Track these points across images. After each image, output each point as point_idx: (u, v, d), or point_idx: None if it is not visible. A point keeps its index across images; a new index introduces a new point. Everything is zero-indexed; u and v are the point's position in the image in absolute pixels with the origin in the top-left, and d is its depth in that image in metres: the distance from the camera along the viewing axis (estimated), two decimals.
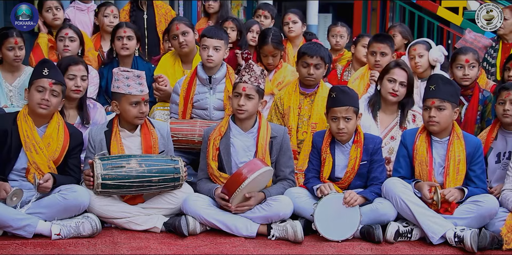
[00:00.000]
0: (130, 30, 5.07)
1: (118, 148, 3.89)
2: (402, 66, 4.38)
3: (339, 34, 6.02)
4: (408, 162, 3.95)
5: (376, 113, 4.41)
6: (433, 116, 3.83)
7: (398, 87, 4.32)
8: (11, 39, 4.66)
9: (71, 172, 3.88)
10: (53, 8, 5.46)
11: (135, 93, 3.86)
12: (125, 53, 5.04)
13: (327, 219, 3.68)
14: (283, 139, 4.00)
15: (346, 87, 4.00)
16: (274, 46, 5.07)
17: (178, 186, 3.83)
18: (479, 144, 3.94)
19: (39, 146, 3.75)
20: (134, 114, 3.88)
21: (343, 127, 3.87)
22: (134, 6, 5.96)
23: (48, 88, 3.77)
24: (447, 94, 3.85)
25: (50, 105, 3.77)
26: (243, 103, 3.88)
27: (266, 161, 3.86)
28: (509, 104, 4.02)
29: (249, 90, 3.89)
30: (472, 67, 4.60)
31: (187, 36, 4.95)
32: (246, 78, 3.91)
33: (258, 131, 3.95)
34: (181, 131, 4.31)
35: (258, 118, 4.01)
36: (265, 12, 6.16)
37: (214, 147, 3.92)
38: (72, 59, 4.38)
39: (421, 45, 5.11)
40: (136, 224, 3.79)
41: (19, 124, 3.77)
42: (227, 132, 3.96)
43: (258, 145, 3.91)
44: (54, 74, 3.82)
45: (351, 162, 3.92)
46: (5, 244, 3.49)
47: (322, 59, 4.43)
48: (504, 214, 3.72)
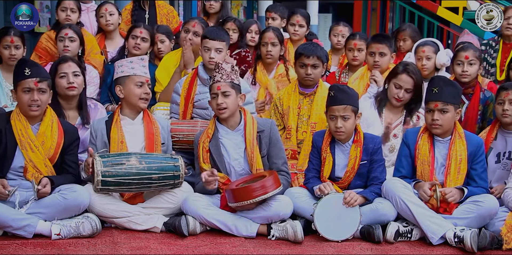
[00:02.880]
0: (147, 32, 5.17)
1: (118, 134, 3.92)
2: (410, 73, 4.32)
3: (341, 34, 6.01)
4: (410, 162, 3.95)
5: (382, 110, 4.41)
6: (436, 119, 3.83)
7: (403, 94, 4.32)
8: (8, 38, 4.71)
9: (69, 168, 3.88)
10: (68, 9, 5.44)
11: (139, 74, 3.97)
12: (136, 52, 5.11)
13: (327, 219, 3.68)
14: (270, 131, 4.01)
15: (345, 86, 4.00)
16: (275, 33, 5.07)
17: (178, 184, 3.83)
18: (481, 143, 3.94)
19: (34, 144, 3.75)
20: (139, 95, 3.95)
21: (341, 126, 3.87)
22: (136, 5, 5.97)
23: (35, 88, 3.75)
24: (450, 96, 3.85)
25: (40, 104, 3.77)
26: (221, 101, 3.89)
27: (255, 156, 3.89)
28: (508, 104, 4.03)
29: (224, 87, 3.91)
30: (472, 64, 4.59)
31: (197, 38, 5.01)
32: (218, 77, 3.93)
33: (245, 127, 3.96)
34: (181, 131, 4.31)
35: (242, 115, 4.02)
36: (272, 14, 6.08)
37: (204, 150, 3.94)
38: (60, 58, 4.40)
39: (430, 47, 5.10)
40: (136, 224, 3.79)
41: (13, 124, 3.77)
42: (214, 133, 3.98)
43: (246, 141, 3.93)
44: (36, 72, 3.79)
45: (351, 161, 3.92)
46: (5, 244, 3.49)
47: (319, 59, 4.43)
48: (504, 214, 3.72)
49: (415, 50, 5.21)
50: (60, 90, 4.21)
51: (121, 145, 3.92)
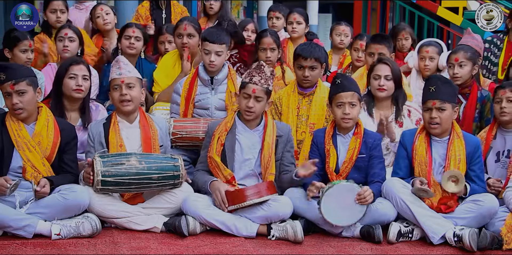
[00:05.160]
0: (139, 31, 5.14)
1: (117, 138, 3.90)
2: (383, 61, 4.39)
3: (344, 33, 6.01)
4: (407, 163, 3.95)
5: (371, 111, 4.41)
6: (434, 118, 3.83)
7: (383, 81, 4.32)
8: (26, 42, 4.77)
9: (68, 168, 3.87)
10: (58, 11, 5.47)
11: (114, 76, 3.94)
12: (131, 52, 5.09)
13: (333, 204, 3.66)
14: (288, 137, 4.01)
15: (347, 75, 4.02)
16: (273, 39, 5.05)
17: (178, 184, 3.83)
18: (478, 143, 3.95)
19: (30, 144, 3.74)
20: (117, 98, 3.92)
21: (349, 112, 3.89)
22: (154, 4, 5.99)
23: (12, 91, 3.72)
24: (447, 95, 3.86)
25: (22, 107, 3.73)
26: (252, 105, 3.88)
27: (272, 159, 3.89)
28: (506, 102, 4.04)
29: (259, 92, 3.89)
30: (462, 66, 4.58)
31: (192, 39, 4.97)
32: (257, 80, 3.90)
33: (265, 130, 3.96)
34: (185, 128, 4.30)
35: (264, 116, 4.01)
36: (276, 13, 6.10)
37: (219, 142, 3.92)
38: (73, 59, 4.38)
39: (434, 48, 5.11)
40: (136, 224, 3.78)
41: (8, 125, 3.76)
42: (232, 128, 3.96)
43: (265, 144, 3.92)
44: (10, 75, 3.72)
45: (349, 152, 3.92)
46: (5, 244, 3.49)
47: (317, 60, 4.40)
48: (504, 214, 3.72)
49: (419, 50, 5.20)
50: (66, 90, 4.19)
51: (120, 148, 3.90)
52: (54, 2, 5.48)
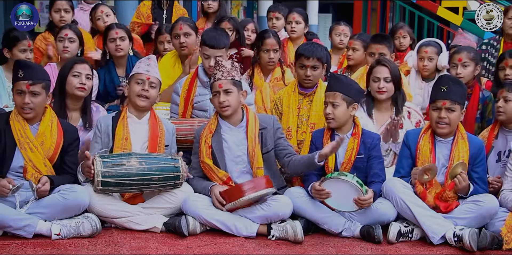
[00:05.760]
0: (122, 30, 5.08)
1: (124, 131, 3.92)
2: (382, 62, 4.38)
3: (343, 33, 6.01)
4: (410, 163, 3.95)
5: (371, 112, 4.40)
6: (443, 118, 3.83)
7: (383, 84, 4.32)
8: (25, 42, 4.76)
9: (69, 169, 3.87)
10: (62, 10, 5.47)
11: (141, 71, 3.99)
12: (120, 54, 5.06)
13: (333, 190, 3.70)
14: (273, 127, 4.01)
15: (342, 75, 4.08)
16: (276, 40, 5.04)
17: (178, 185, 3.83)
18: (482, 145, 3.95)
19: (33, 144, 3.75)
20: (137, 91, 3.95)
21: (329, 112, 3.90)
22: (155, 3, 5.99)
23: (26, 91, 3.74)
24: (458, 96, 3.85)
25: (33, 107, 3.75)
26: (223, 99, 3.89)
27: (256, 153, 3.89)
28: (502, 101, 4.04)
29: (225, 85, 3.90)
30: (465, 66, 4.59)
31: (189, 38, 4.95)
32: (219, 75, 3.92)
33: (247, 125, 3.96)
34: (180, 130, 4.30)
35: (245, 111, 4.01)
36: (275, 14, 6.09)
37: (206, 145, 3.93)
38: (77, 58, 4.41)
39: (433, 48, 5.11)
40: (136, 224, 3.79)
41: (12, 124, 3.77)
42: (217, 129, 3.97)
43: (248, 138, 3.92)
44: (29, 75, 3.76)
45: (347, 153, 3.92)
46: (5, 244, 3.49)
47: (319, 60, 4.40)
48: (504, 214, 3.72)
49: (418, 50, 5.20)
50: (69, 88, 4.20)
51: (125, 141, 3.92)
52: (58, 1, 5.48)
